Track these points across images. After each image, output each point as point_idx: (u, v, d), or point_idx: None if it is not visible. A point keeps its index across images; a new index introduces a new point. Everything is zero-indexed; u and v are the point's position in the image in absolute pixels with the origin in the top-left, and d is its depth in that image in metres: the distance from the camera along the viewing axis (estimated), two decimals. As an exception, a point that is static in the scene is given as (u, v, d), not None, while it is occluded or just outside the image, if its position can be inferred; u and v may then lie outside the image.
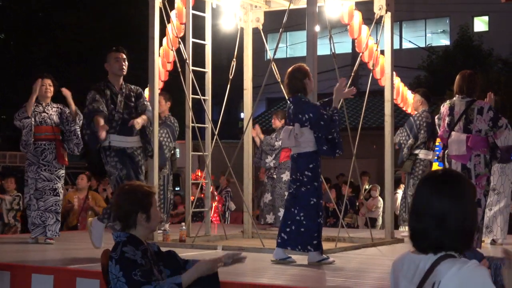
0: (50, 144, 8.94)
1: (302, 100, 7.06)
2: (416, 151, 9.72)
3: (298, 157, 7.04)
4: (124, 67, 7.72)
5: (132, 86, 7.94)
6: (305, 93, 7.10)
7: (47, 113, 9.02)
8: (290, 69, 7.23)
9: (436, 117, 8.24)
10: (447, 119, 7.72)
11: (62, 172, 9.05)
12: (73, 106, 9.00)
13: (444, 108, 7.81)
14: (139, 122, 7.57)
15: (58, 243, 8.81)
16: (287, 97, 7.34)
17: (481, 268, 2.69)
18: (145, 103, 7.90)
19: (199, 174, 15.03)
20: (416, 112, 9.96)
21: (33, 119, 8.84)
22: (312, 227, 6.95)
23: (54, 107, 9.11)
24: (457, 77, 7.81)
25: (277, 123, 11.19)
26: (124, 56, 7.77)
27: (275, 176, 11.11)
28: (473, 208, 2.84)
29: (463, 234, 2.77)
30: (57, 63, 23.73)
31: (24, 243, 8.82)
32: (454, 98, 7.77)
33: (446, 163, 7.72)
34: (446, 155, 7.72)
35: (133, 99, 7.80)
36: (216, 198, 12.56)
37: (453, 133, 7.62)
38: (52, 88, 9.12)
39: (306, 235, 6.93)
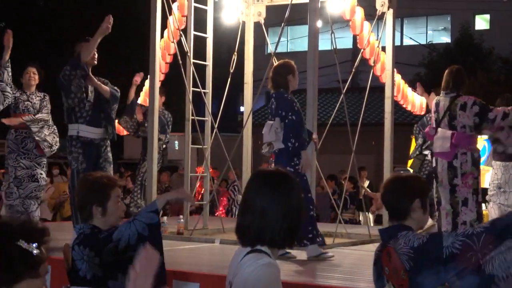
0: (30, 132, 8.72)
1: (284, 96, 7.08)
2: (426, 152, 9.66)
3: (279, 153, 7.05)
4: (96, 56, 7.81)
5: (100, 78, 7.99)
6: (287, 89, 7.11)
7: (31, 102, 8.83)
8: (275, 64, 7.27)
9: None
10: (433, 116, 7.59)
11: (42, 159, 8.87)
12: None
13: (433, 105, 7.70)
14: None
15: (51, 233, 8.79)
16: (271, 92, 7.33)
17: (270, 266, 2.75)
18: (112, 90, 7.97)
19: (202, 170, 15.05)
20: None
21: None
22: (305, 220, 6.95)
23: (38, 95, 8.92)
24: (445, 72, 7.59)
25: None
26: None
27: None
28: (295, 205, 2.85)
29: (283, 230, 2.81)
30: (53, 52, 23.62)
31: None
32: (441, 94, 7.59)
33: (434, 161, 7.61)
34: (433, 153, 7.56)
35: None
36: (219, 192, 12.59)
37: (439, 129, 7.44)
38: (36, 77, 8.91)
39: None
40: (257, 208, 2.80)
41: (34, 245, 1.96)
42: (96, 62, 7.89)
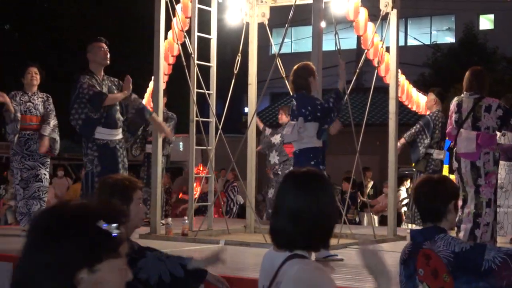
0: (34, 134, 8.71)
1: (307, 95, 7.13)
2: (431, 151, 9.70)
3: (300, 153, 7.08)
4: (108, 56, 7.74)
5: (112, 78, 7.94)
6: (308, 91, 7.15)
7: (33, 103, 8.77)
8: (296, 66, 7.27)
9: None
10: (454, 116, 7.69)
11: (46, 159, 8.84)
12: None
13: (452, 104, 7.80)
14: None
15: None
16: (291, 94, 7.39)
17: (318, 270, 2.65)
18: (135, 97, 7.93)
19: (201, 169, 15.03)
20: (430, 112, 9.92)
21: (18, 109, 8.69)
22: None
23: (40, 96, 8.86)
24: (467, 73, 7.75)
25: (284, 118, 11.03)
26: (106, 47, 7.78)
27: (279, 172, 11.05)
28: (330, 208, 2.78)
29: (317, 232, 2.73)
30: (57, 52, 23.64)
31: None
32: (462, 95, 7.74)
33: (455, 161, 7.69)
34: (454, 153, 7.70)
35: (115, 91, 7.81)
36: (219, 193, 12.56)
37: (462, 130, 7.57)
38: (38, 76, 8.85)
39: None
40: (289, 210, 2.73)
41: (114, 225, 1.96)
42: (108, 62, 7.85)
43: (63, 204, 1.99)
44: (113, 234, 1.94)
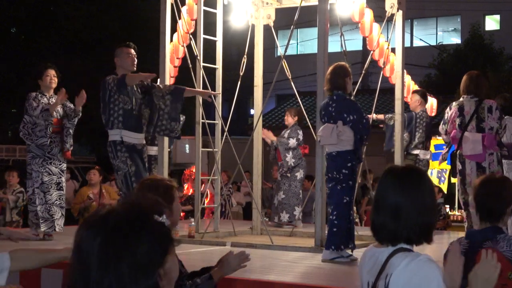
0: (55, 137, 8.70)
1: (347, 99, 7.18)
2: (416, 151, 9.82)
3: (337, 156, 7.10)
4: (135, 62, 7.80)
5: None
6: (345, 91, 7.21)
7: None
8: (332, 66, 7.37)
9: (442, 123, 8.25)
10: (457, 120, 7.78)
11: (64, 165, 8.88)
12: (79, 107, 8.84)
13: (452, 110, 7.87)
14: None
15: (70, 238, 8.78)
16: (327, 93, 7.38)
17: (430, 262, 2.74)
18: (160, 84, 8.00)
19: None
20: (414, 112, 10.07)
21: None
22: (343, 226, 7.01)
23: None
24: (464, 78, 7.93)
25: (290, 120, 11.01)
26: (135, 53, 7.83)
27: (289, 175, 11.01)
28: (430, 202, 2.89)
29: (419, 226, 2.83)
30: (63, 54, 23.67)
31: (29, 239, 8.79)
32: (461, 99, 7.83)
33: (459, 163, 7.76)
34: (459, 155, 7.75)
35: (138, 91, 7.85)
36: (209, 195, 12.55)
37: (466, 133, 7.69)
38: (56, 79, 8.89)
39: (338, 234, 6.99)
40: (391, 205, 2.85)
41: (163, 217, 2.03)
42: (135, 69, 7.90)
43: (117, 209, 1.97)
44: (166, 224, 2.00)
